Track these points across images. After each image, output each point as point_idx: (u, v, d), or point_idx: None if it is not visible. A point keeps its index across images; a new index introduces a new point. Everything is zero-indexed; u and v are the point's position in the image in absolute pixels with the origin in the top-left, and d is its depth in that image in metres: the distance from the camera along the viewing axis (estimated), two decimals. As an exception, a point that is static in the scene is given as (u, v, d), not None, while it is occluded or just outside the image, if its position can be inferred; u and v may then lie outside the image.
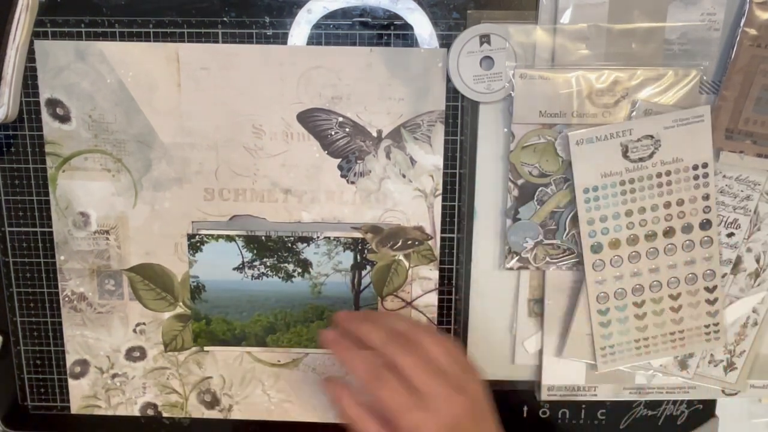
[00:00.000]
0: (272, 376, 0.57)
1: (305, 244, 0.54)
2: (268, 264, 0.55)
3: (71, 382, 0.57)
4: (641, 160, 0.50)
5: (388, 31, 0.51)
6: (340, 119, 0.52)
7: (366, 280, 0.55)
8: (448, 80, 0.51)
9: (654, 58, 0.50)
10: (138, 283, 0.55)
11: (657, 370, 0.56)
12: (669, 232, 0.52)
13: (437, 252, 0.54)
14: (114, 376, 0.57)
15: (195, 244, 0.54)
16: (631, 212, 0.51)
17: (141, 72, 0.51)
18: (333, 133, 0.52)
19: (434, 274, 0.55)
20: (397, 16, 0.51)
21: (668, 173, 0.50)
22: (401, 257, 0.54)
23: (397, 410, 0.40)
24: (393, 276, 0.55)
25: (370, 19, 0.51)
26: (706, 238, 0.52)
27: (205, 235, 0.54)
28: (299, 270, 0.55)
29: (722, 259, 0.53)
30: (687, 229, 0.51)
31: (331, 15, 0.51)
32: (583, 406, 0.58)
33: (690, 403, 0.58)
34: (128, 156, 0.53)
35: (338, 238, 0.54)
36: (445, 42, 0.51)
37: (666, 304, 0.53)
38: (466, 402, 0.41)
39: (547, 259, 0.54)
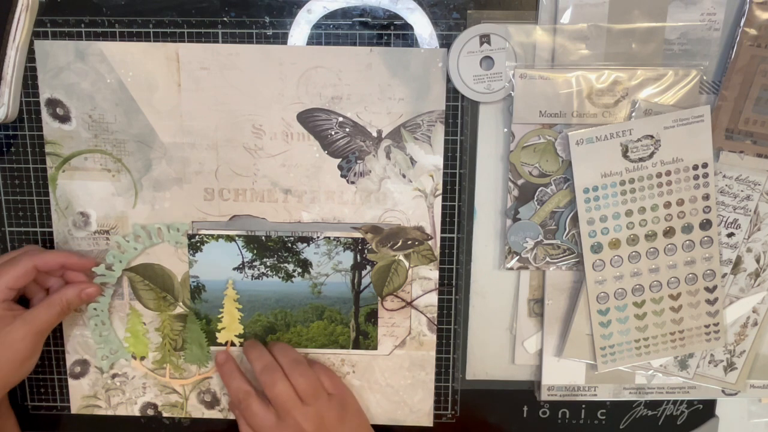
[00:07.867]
0: (272, 376, 0.57)
1: (305, 244, 0.54)
2: (268, 264, 0.55)
3: (71, 382, 0.57)
4: (641, 160, 0.50)
5: (388, 31, 0.51)
6: (340, 119, 0.52)
7: (366, 280, 0.55)
8: (448, 80, 0.51)
9: (654, 58, 0.50)
10: (138, 283, 0.55)
11: (657, 370, 0.56)
12: (669, 232, 0.52)
13: (437, 252, 0.54)
14: (114, 376, 0.57)
15: (195, 244, 0.54)
16: (631, 212, 0.51)
17: (141, 72, 0.51)
18: (333, 133, 0.52)
19: (434, 274, 0.55)
20: (397, 16, 0.51)
21: (668, 173, 0.50)
22: (401, 257, 0.54)
23: (289, 403, 0.50)
24: (393, 276, 0.55)
25: (370, 19, 0.51)
26: (706, 238, 0.52)
27: (205, 235, 0.54)
28: (299, 270, 0.55)
29: (722, 259, 0.53)
30: (687, 229, 0.51)
31: (331, 15, 0.51)
32: (583, 406, 0.58)
33: (690, 403, 0.58)
34: (128, 156, 0.53)
35: (338, 238, 0.54)
36: (445, 42, 0.51)
37: (666, 304, 0.53)
38: (333, 402, 0.52)
39: (547, 259, 0.54)
